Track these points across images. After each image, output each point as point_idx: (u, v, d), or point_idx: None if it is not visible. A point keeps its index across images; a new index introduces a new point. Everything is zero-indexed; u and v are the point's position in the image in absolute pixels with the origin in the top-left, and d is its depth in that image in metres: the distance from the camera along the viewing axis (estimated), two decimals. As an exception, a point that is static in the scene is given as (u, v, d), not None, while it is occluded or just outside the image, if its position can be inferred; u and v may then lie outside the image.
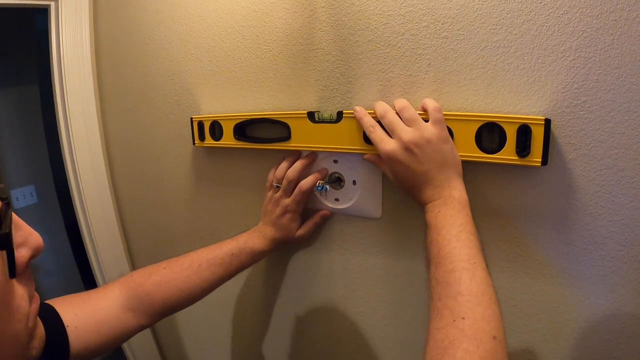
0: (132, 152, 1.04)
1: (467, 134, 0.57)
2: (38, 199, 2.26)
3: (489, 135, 0.57)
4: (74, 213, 1.09)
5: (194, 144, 0.83)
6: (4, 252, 0.35)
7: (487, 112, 0.57)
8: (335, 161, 0.69)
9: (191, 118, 0.83)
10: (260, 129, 0.76)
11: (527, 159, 0.54)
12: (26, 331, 0.39)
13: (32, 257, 0.39)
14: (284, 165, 0.72)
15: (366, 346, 0.81)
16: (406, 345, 0.76)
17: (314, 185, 0.69)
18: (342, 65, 0.66)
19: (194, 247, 0.73)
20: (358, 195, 0.68)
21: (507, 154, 0.55)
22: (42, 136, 2.20)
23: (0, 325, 0.35)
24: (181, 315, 1.12)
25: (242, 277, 0.94)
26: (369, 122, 0.60)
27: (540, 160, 0.54)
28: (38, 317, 0.47)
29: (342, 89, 0.67)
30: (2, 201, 0.34)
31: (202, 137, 0.81)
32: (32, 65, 2.12)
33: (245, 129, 0.77)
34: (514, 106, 0.57)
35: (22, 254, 0.38)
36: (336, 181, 0.71)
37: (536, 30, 0.53)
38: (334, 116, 0.66)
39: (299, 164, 0.70)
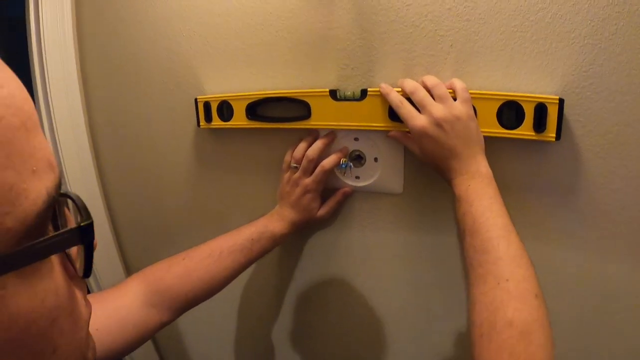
0: (122, 140, 1.06)
1: (490, 112, 0.68)
2: None
3: (509, 113, 0.68)
4: None
5: (198, 125, 0.87)
6: (59, 255, 0.33)
7: (505, 92, 0.68)
8: (356, 139, 0.78)
9: (196, 99, 0.86)
10: (276, 108, 0.82)
11: (543, 134, 0.66)
12: (86, 343, 0.37)
13: None
14: (302, 145, 0.78)
15: (384, 323, 0.92)
16: (425, 318, 0.87)
17: (336, 163, 0.77)
18: (364, 44, 0.75)
19: (196, 242, 0.77)
20: (379, 172, 0.78)
21: (525, 130, 0.67)
22: None
23: (66, 335, 0.32)
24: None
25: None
26: (397, 98, 0.68)
27: (554, 135, 0.65)
28: None
29: (364, 67, 0.76)
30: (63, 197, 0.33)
31: (208, 119, 0.85)
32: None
33: (258, 108, 0.81)
34: (529, 86, 0.69)
35: None
36: (356, 159, 0.80)
37: (550, 18, 0.65)
38: (358, 94, 0.73)
39: (319, 143, 0.77)
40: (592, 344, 0.78)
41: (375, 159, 0.78)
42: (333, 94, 0.74)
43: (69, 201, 0.33)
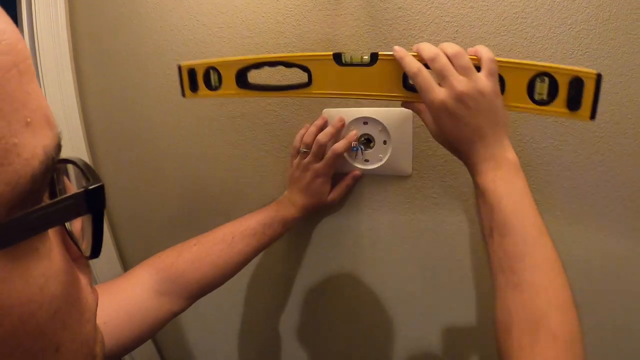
0: (116, 128, 1.05)
1: (520, 84, 0.61)
2: None
3: (541, 86, 0.61)
4: None
5: (183, 95, 0.78)
6: (64, 227, 0.30)
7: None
8: (365, 123, 0.81)
9: (179, 65, 0.76)
10: (271, 75, 0.80)
11: (577, 112, 0.59)
12: (94, 336, 0.32)
13: None
14: (312, 129, 0.80)
15: (394, 306, 0.94)
16: (435, 301, 0.90)
17: (347, 147, 0.79)
18: (371, 30, 0.78)
19: (197, 229, 0.78)
20: (389, 155, 0.81)
21: (559, 107, 0.60)
22: None
23: (69, 332, 0.28)
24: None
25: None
26: (413, 64, 0.59)
27: (589, 114, 0.59)
28: None
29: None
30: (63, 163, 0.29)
31: (194, 87, 0.76)
32: None
33: (249, 75, 0.73)
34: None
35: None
36: (366, 142, 0.82)
37: (549, 5, 0.70)
38: (367, 58, 0.65)
39: (330, 128, 0.79)
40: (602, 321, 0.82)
41: (385, 142, 0.81)
42: (338, 57, 0.66)
43: (71, 167, 0.28)
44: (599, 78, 0.58)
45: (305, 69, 0.69)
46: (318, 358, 1.08)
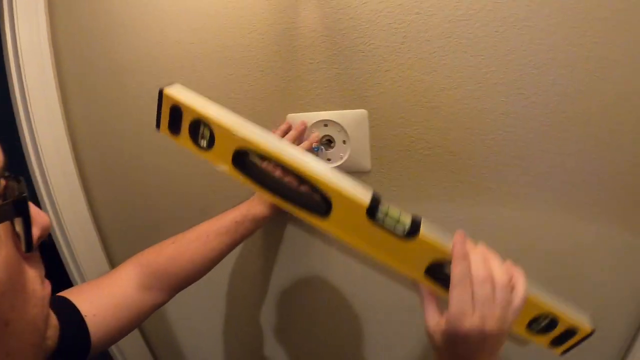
0: (102, 133, 1.10)
1: (527, 315, 0.61)
2: None
3: (542, 321, 0.62)
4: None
5: (157, 127, 0.64)
6: (13, 227, 0.36)
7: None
8: (326, 125, 0.87)
9: (160, 90, 0.61)
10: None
11: (555, 347, 0.64)
12: (42, 318, 0.40)
13: (41, 237, 0.40)
14: (277, 134, 0.86)
15: (364, 292, 1.01)
16: (403, 289, 0.97)
17: (309, 148, 0.86)
18: (326, 39, 0.83)
19: (177, 230, 0.83)
20: (349, 153, 0.87)
21: (543, 339, 0.63)
22: None
23: (17, 310, 0.36)
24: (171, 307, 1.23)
25: (237, 248, 1.07)
26: (462, 271, 0.53)
27: (561, 353, 0.65)
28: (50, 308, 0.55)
29: (328, 60, 0.85)
30: (6, 179, 0.36)
31: (175, 129, 0.61)
32: None
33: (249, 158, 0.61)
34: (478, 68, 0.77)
35: (32, 232, 0.39)
36: (327, 143, 0.89)
37: (492, 6, 0.75)
38: (406, 227, 0.56)
39: (294, 132, 0.85)
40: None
41: (344, 142, 0.87)
42: (372, 211, 0.56)
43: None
44: (591, 333, 0.61)
45: (326, 200, 0.57)
46: (299, 349, 1.15)
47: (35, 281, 0.39)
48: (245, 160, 0.60)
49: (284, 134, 0.87)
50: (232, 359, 1.25)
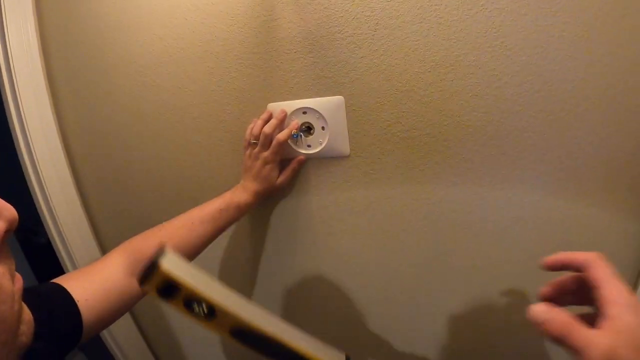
0: (90, 123, 1.16)
1: None
2: None
3: None
4: (28, 224, 1.17)
5: (141, 285, 0.53)
6: None
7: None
8: (304, 112, 0.90)
9: (155, 263, 0.53)
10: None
11: None
12: (12, 313, 0.39)
13: (8, 230, 0.40)
14: (259, 123, 0.90)
15: (350, 274, 1.05)
16: (385, 264, 1.00)
17: (289, 135, 0.89)
18: (302, 30, 0.86)
19: (167, 217, 0.87)
20: (327, 139, 0.90)
21: None
22: None
23: None
24: None
25: (225, 237, 1.13)
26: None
27: None
28: (44, 295, 0.58)
29: (305, 50, 0.87)
30: None
31: (166, 295, 0.53)
32: None
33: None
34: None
35: None
36: (306, 130, 0.92)
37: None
38: None
39: (274, 121, 0.89)
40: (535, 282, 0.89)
41: (323, 128, 0.90)
42: None
43: None
44: None
45: None
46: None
47: (4, 277, 0.38)
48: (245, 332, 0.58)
49: (265, 122, 0.90)
50: (220, 343, 1.31)
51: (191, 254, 0.84)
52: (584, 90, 0.75)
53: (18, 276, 0.41)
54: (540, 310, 0.44)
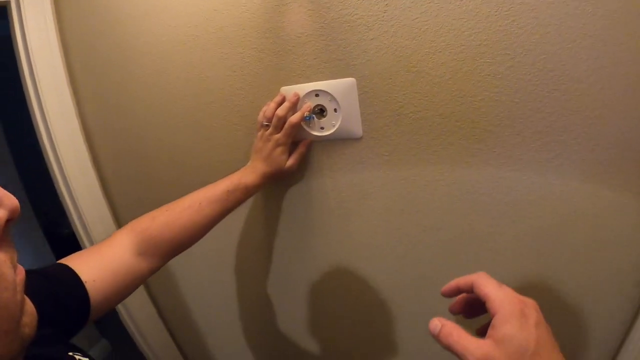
0: (108, 103, 1.20)
1: None
2: None
3: None
4: (52, 217, 1.24)
5: None
6: None
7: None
8: (317, 95, 0.91)
9: None
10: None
11: None
12: (14, 302, 0.38)
13: (10, 219, 0.40)
14: (272, 105, 0.91)
15: (363, 257, 1.07)
16: (399, 246, 1.01)
17: (302, 118, 0.90)
18: (314, 13, 0.87)
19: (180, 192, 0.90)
20: (340, 121, 0.91)
21: None
22: (8, 152, 2.41)
23: None
24: (182, 272, 1.36)
25: (240, 222, 1.16)
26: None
27: None
28: (52, 275, 0.60)
29: (313, 26, 0.89)
30: None
31: None
32: None
33: None
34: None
35: None
36: (319, 112, 0.93)
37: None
38: None
39: (287, 103, 0.90)
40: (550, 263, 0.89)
41: (335, 110, 0.91)
42: None
43: None
44: None
45: None
46: (304, 321, 1.23)
47: (5, 265, 0.38)
48: None
49: (279, 105, 0.91)
50: (239, 328, 1.35)
51: (197, 234, 0.86)
52: (599, 70, 0.74)
53: (20, 268, 0.41)
54: (433, 323, 0.52)
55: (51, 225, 2.71)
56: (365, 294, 1.10)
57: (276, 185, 1.06)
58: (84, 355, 0.57)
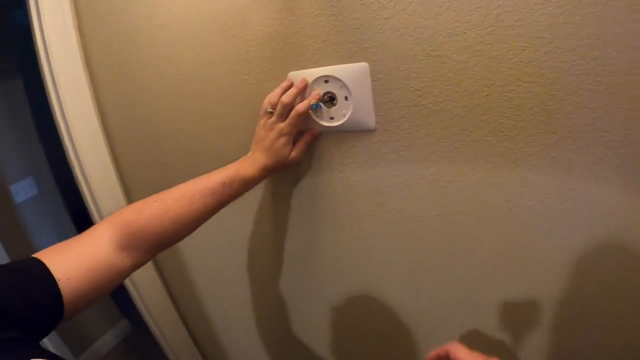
0: (131, 125, 1.23)
1: None
2: (38, 190, 2.61)
3: None
4: (76, 199, 1.31)
5: None
6: None
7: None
8: (326, 81, 0.83)
9: None
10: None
11: None
12: None
13: None
14: (277, 91, 0.84)
15: (372, 260, 0.99)
16: (412, 252, 0.93)
17: (309, 107, 0.83)
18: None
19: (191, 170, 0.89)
20: (351, 110, 0.83)
21: None
22: (33, 127, 2.54)
23: None
24: (193, 266, 1.38)
25: (248, 217, 1.12)
26: None
27: None
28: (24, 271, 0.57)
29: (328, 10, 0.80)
30: None
31: None
32: (11, 58, 2.44)
33: None
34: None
35: None
36: (329, 100, 0.85)
37: None
38: None
39: (293, 90, 0.83)
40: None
41: (346, 98, 0.82)
42: None
43: None
44: None
45: None
46: (316, 317, 1.18)
47: None
48: None
49: (285, 91, 0.84)
50: (252, 324, 1.35)
51: (187, 229, 0.81)
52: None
53: None
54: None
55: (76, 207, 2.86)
56: (375, 299, 1.03)
57: (283, 177, 1.00)
58: (44, 356, 0.52)
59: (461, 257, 0.87)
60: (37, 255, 0.64)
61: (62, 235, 2.56)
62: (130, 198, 1.38)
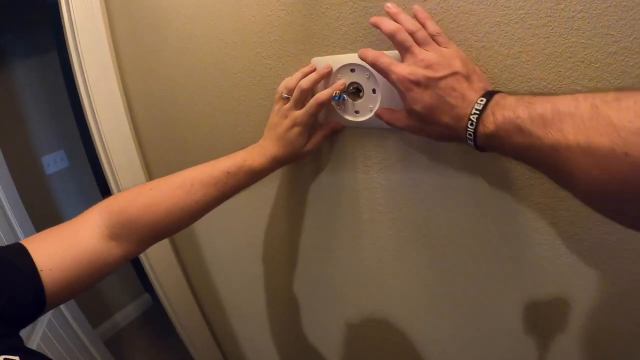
0: (154, 104, 1.23)
1: None
2: (69, 163, 2.74)
3: None
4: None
5: None
6: None
7: None
8: (352, 70, 0.74)
9: None
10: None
11: None
12: None
13: None
14: (297, 74, 0.76)
15: (391, 273, 0.93)
16: (437, 266, 0.85)
17: (331, 96, 0.74)
18: None
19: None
20: (379, 104, 0.74)
21: None
22: (67, 101, 2.65)
23: None
24: (212, 262, 1.40)
25: (264, 212, 1.09)
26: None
27: None
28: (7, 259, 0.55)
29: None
30: None
31: None
32: (48, 33, 2.54)
33: None
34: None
35: None
36: (355, 92, 0.76)
37: None
38: None
39: (314, 75, 0.75)
40: None
41: (374, 91, 0.74)
42: None
43: None
44: None
45: None
46: (328, 313, 1.15)
47: None
48: None
49: (305, 76, 0.76)
50: (266, 320, 1.36)
51: (185, 220, 0.75)
52: None
53: None
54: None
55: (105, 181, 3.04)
56: (389, 313, 0.99)
57: (301, 171, 0.94)
58: (16, 354, 0.51)
59: (490, 281, 0.79)
60: (24, 242, 0.62)
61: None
62: (151, 175, 1.39)
